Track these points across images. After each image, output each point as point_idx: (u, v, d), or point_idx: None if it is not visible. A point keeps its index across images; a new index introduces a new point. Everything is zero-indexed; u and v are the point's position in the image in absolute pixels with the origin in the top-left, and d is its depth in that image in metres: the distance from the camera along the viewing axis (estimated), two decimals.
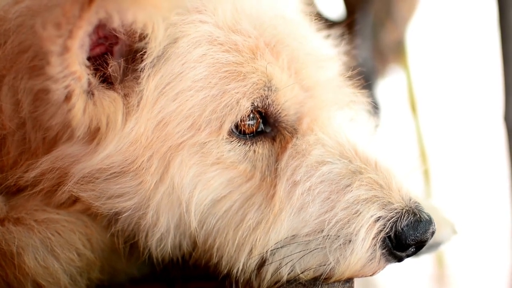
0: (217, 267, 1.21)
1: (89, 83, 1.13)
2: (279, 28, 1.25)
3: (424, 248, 1.28)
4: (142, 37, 1.14)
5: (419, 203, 1.20)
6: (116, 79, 1.17)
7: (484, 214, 4.00)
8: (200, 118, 1.17)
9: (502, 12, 2.49)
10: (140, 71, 1.16)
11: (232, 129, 1.20)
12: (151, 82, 1.16)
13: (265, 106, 1.21)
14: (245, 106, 1.18)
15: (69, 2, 1.02)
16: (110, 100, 1.15)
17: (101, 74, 1.16)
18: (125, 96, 1.16)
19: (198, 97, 1.17)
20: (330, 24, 1.42)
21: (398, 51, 3.40)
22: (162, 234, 1.20)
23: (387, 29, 3.25)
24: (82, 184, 1.18)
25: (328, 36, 1.38)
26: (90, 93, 1.13)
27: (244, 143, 1.21)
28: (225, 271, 1.20)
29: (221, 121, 1.17)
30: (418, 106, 3.62)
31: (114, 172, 1.17)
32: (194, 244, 1.23)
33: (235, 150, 1.20)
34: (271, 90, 1.20)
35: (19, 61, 1.18)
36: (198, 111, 1.17)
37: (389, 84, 3.66)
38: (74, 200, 1.21)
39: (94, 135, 1.16)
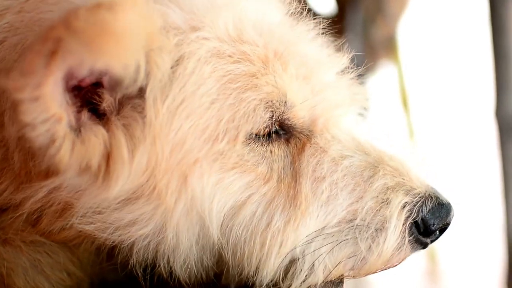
0: (247, 277, 1.17)
1: (76, 120, 1.03)
2: (285, 34, 1.23)
3: None
4: (132, 76, 1.05)
5: (436, 189, 1.22)
6: (111, 111, 1.07)
7: (475, 210, 4.02)
8: (217, 128, 1.12)
9: (493, 8, 2.49)
10: (140, 99, 1.08)
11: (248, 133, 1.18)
12: (160, 107, 1.09)
13: (281, 120, 1.20)
14: (263, 118, 1.16)
15: (32, 53, 0.93)
16: (102, 135, 1.06)
17: (93, 106, 1.06)
18: (125, 126, 1.08)
19: (213, 110, 1.12)
20: (320, 19, 1.41)
21: (389, 47, 3.40)
22: (186, 255, 1.14)
23: (378, 25, 3.24)
24: (87, 217, 1.10)
25: (326, 36, 1.37)
26: (77, 130, 1.03)
27: (261, 144, 1.19)
28: (255, 279, 1.16)
29: (238, 130, 1.14)
30: (409, 101, 3.63)
31: (125, 199, 1.09)
32: (216, 257, 1.18)
33: (254, 152, 1.17)
34: (286, 106, 1.19)
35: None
36: (214, 122, 1.12)
37: (381, 80, 3.66)
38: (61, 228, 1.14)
39: (97, 173, 1.06)
